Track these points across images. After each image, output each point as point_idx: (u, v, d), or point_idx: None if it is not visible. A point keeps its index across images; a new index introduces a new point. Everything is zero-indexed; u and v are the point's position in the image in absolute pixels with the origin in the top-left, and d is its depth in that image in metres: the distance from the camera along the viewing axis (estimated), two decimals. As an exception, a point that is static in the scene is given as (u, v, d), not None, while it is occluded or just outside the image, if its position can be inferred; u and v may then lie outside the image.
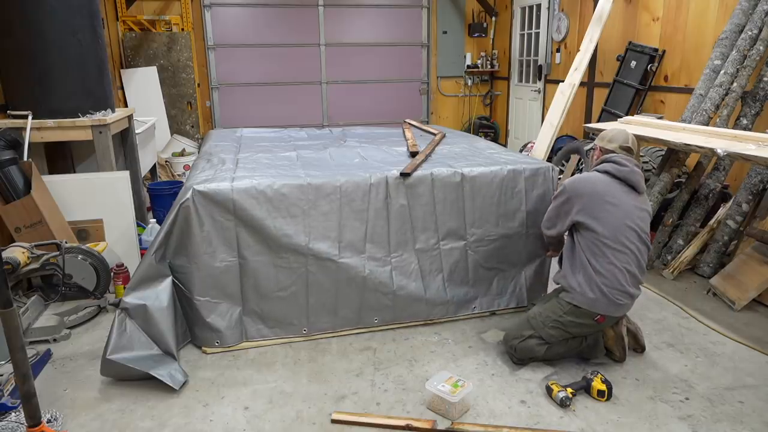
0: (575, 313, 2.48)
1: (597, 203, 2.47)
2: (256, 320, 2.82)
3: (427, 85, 8.11)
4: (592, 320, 2.47)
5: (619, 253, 2.43)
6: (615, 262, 2.42)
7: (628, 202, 2.48)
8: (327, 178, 2.83)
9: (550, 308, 2.56)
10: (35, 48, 3.51)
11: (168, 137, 6.48)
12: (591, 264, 2.45)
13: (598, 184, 2.52)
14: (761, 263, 3.21)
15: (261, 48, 7.37)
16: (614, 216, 2.44)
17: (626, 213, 2.46)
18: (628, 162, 2.56)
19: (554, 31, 6.48)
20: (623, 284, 2.43)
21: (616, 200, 2.47)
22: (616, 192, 2.49)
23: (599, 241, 2.44)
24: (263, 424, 2.23)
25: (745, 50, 3.73)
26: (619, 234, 2.43)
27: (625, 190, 2.51)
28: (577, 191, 2.54)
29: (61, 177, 3.83)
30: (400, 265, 2.94)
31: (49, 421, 2.19)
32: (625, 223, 2.45)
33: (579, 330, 2.53)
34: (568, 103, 4.53)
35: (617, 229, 2.43)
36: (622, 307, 2.47)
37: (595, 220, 2.45)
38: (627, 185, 2.52)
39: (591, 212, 2.47)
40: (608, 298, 2.42)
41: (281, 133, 4.69)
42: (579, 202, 2.51)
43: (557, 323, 2.51)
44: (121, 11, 6.55)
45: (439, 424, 2.21)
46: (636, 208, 2.50)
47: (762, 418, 2.23)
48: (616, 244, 2.43)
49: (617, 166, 2.53)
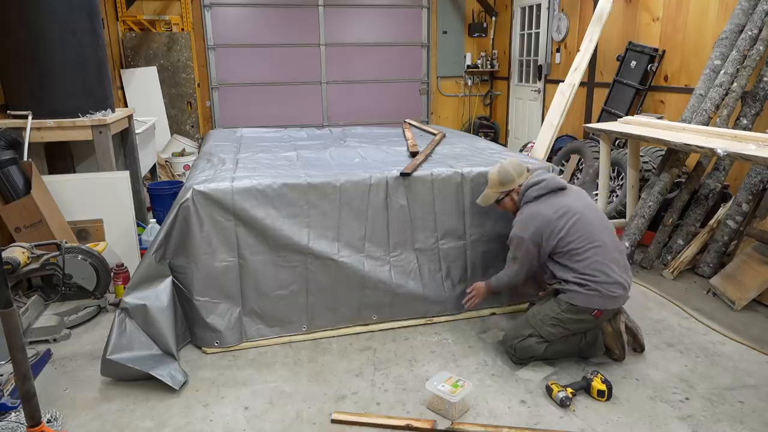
0: (573, 310, 2.50)
1: (554, 225, 2.54)
2: (255, 320, 2.82)
3: (427, 85, 8.11)
4: (590, 315, 2.50)
5: (598, 249, 2.49)
6: (598, 259, 2.48)
7: (570, 203, 2.58)
8: (327, 178, 2.84)
9: (548, 307, 2.58)
10: (35, 48, 3.51)
11: (168, 137, 6.47)
12: (577, 270, 2.50)
13: (541, 210, 2.59)
14: (761, 263, 3.21)
15: (261, 48, 7.37)
16: (574, 223, 2.52)
17: (579, 212, 2.55)
18: (537, 176, 2.67)
19: (554, 31, 6.48)
20: (613, 276, 2.48)
21: (563, 209, 2.56)
22: (556, 203, 2.58)
23: (575, 250, 2.51)
24: (263, 424, 2.23)
25: (745, 50, 3.73)
26: (588, 234, 2.51)
27: (560, 196, 2.62)
28: (532, 230, 2.58)
29: (61, 177, 3.83)
30: (399, 263, 2.95)
31: (49, 421, 2.18)
32: (586, 221, 2.53)
33: (578, 326, 2.54)
34: (568, 103, 4.53)
35: (584, 230, 2.51)
36: (618, 299, 2.51)
37: (563, 239, 2.52)
38: (556, 191, 2.62)
39: (556, 235, 2.53)
40: (602, 293, 2.46)
41: (281, 133, 4.70)
42: (540, 236, 2.56)
43: (556, 320, 2.53)
44: (121, 11, 6.55)
45: (439, 424, 2.21)
46: (581, 204, 2.59)
47: (762, 418, 2.23)
48: (591, 244, 2.49)
49: (537, 186, 2.64)
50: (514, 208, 2.77)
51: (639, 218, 3.82)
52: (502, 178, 2.74)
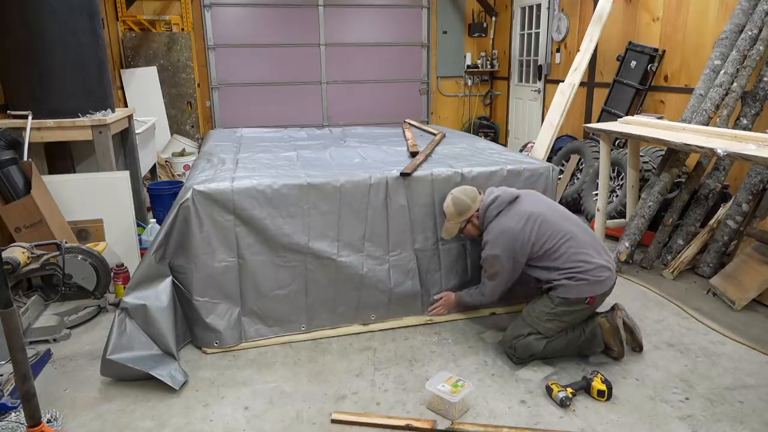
0: (566, 303, 2.55)
1: (522, 235, 2.58)
2: (255, 320, 2.82)
3: (427, 85, 8.11)
4: (584, 304, 2.55)
5: (570, 240, 2.56)
6: (573, 251, 2.55)
7: (529, 208, 2.63)
8: (327, 178, 2.84)
9: (542, 303, 2.62)
10: (35, 48, 3.51)
11: (168, 137, 6.47)
12: (559, 267, 2.55)
13: (506, 224, 2.63)
14: (761, 263, 3.21)
15: (261, 48, 7.37)
16: (539, 225, 2.58)
17: (540, 214, 2.62)
18: (490, 194, 2.74)
19: (554, 31, 6.48)
20: (594, 261, 2.54)
21: (525, 216, 2.61)
22: (516, 213, 2.63)
23: (550, 249, 2.56)
24: (263, 424, 2.23)
25: (745, 50, 3.72)
26: (555, 230, 2.57)
27: (517, 204, 2.67)
28: (503, 245, 2.61)
29: (61, 177, 3.83)
30: (399, 263, 2.95)
31: (49, 421, 2.18)
32: (549, 219, 2.60)
33: (574, 317, 2.58)
34: (568, 103, 4.53)
35: (550, 228, 2.57)
36: (606, 281, 2.55)
37: (535, 244, 2.58)
38: (513, 201, 2.68)
39: (528, 243, 2.58)
40: (590, 280, 2.51)
41: (281, 133, 4.70)
42: (512, 250, 2.59)
43: (552, 315, 2.56)
44: (121, 11, 6.55)
45: (439, 424, 2.21)
46: (538, 206, 2.66)
47: (762, 418, 2.23)
48: (562, 238, 2.56)
49: (495, 204, 2.69)
50: (477, 232, 2.80)
51: (639, 218, 3.82)
52: (458, 208, 2.76)
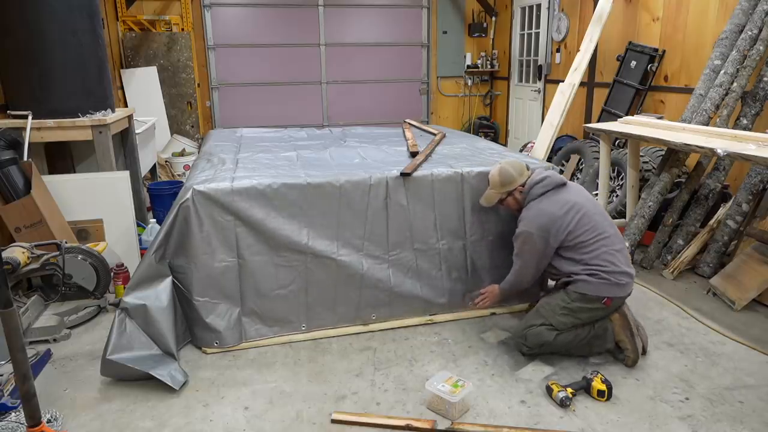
0: (583, 299, 2.55)
1: (561, 221, 2.57)
2: (255, 320, 2.82)
3: (427, 85, 8.11)
4: (600, 304, 2.54)
5: (605, 239, 2.56)
6: (605, 250, 2.54)
7: (574, 198, 2.63)
8: (327, 178, 2.84)
9: (558, 297, 2.61)
10: (35, 48, 3.51)
11: (168, 137, 6.47)
12: (586, 261, 2.55)
13: (547, 207, 2.62)
14: (761, 263, 3.21)
15: (261, 48, 7.37)
16: (581, 217, 2.57)
17: (584, 206, 2.60)
18: (540, 174, 2.71)
19: (554, 31, 6.48)
20: (620, 265, 2.54)
21: (568, 205, 2.60)
22: (560, 200, 2.62)
23: (583, 243, 2.55)
24: (263, 424, 2.23)
25: (745, 50, 3.72)
26: (594, 227, 2.56)
27: (563, 192, 2.65)
28: (540, 226, 2.59)
29: (61, 177, 3.83)
30: (399, 263, 2.95)
31: (49, 421, 2.18)
32: (591, 215, 2.59)
33: (589, 315, 2.57)
34: (568, 103, 4.53)
35: (590, 223, 2.57)
36: (625, 287, 2.56)
37: (571, 233, 2.56)
38: (559, 187, 2.66)
39: (564, 230, 2.57)
40: (611, 282, 2.51)
41: (281, 133, 4.69)
42: (547, 232, 2.58)
43: (567, 310, 2.56)
44: (121, 11, 6.55)
45: (439, 424, 2.21)
46: (583, 199, 2.64)
47: (762, 418, 2.23)
48: (599, 236, 2.56)
49: (541, 183, 2.67)
50: (517, 206, 2.79)
51: (639, 218, 3.82)
52: (503, 179, 2.75)
